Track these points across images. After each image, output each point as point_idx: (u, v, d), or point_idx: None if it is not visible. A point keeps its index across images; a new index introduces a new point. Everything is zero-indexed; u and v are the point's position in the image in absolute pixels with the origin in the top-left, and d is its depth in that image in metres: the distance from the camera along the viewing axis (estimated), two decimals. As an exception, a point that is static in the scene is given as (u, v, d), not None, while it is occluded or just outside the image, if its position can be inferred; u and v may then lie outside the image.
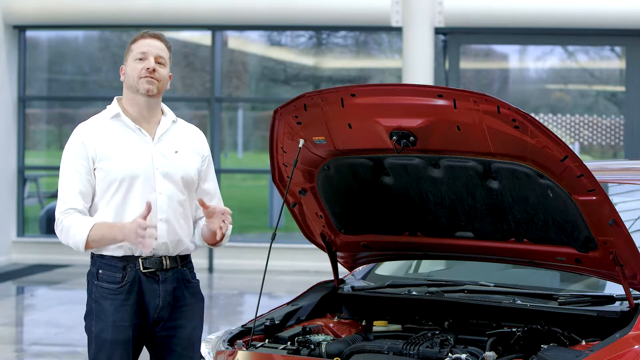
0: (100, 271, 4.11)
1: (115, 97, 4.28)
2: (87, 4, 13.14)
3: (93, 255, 4.15)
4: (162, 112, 4.28)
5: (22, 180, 13.66)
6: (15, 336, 9.11)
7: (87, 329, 4.16)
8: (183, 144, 4.26)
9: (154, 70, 4.14)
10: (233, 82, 14.58)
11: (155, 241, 3.98)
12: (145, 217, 3.92)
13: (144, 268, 4.10)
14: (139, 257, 4.10)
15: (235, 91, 14.64)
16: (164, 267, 4.13)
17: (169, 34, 14.33)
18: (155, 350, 4.21)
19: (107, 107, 4.26)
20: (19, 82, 13.59)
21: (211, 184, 4.34)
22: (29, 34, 13.87)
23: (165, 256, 4.13)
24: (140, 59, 4.17)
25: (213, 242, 4.19)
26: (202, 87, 14.11)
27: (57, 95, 14.62)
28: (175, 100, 14.27)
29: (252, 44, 14.58)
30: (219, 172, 13.35)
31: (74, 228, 4.06)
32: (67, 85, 14.71)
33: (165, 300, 4.13)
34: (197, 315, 4.24)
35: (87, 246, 4.06)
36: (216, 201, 4.30)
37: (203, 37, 13.86)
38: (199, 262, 12.99)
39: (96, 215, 4.12)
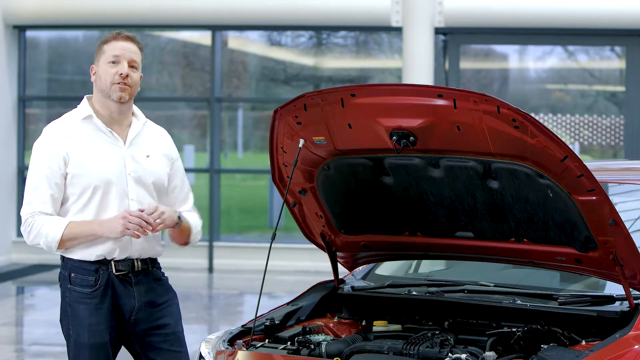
0: (72, 274, 4.09)
1: (85, 96, 4.20)
2: (87, 4, 13.13)
3: (64, 258, 4.12)
4: (133, 114, 4.23)
5: (22, 180, 13.63)
6: (15, 336, 9.10)
7: (65, 333, 4.15)
8: (154, 148, 4.23)
9: (127, 75, 4.07)
10: (233, 82, 14.57)
11: (152, 228, 4.02)
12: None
13: (117, 270, 4.10)
14: (111, 260, 4.09)
15: (235, 91, 14.63)
16: (136, 269, 4.14)
17: (169, 34, 14.34)
18: (144, 350, 4.21)
19: (78, 106, 4.18)
20: (19, 82, 13.59)
21: (183, 188, 4.33)
22: (29, 34, 13.87)
23: (137, 259, 4.14)
24: (113, 62, 4.08)
25: (182, 243, 4.27)
26: (202, 87, 14.10)
27: (57, 95, 14.61)
28: (175, 100, 14.28)
29: (252, 44, 14.57)
30: (219, 172, 13.35)
31: (47, 226, 4.03)
32: (67, 85, 14.70)
33: (140, 301, 4.14)
34: (175, 310, 4.27)
35: (61, 245, 4.04)
36: (188, 206, 4.32)
37: (203, 37, 13.84)
38: (199, 262, 13.00)
39: (68, 218, 4.09)
